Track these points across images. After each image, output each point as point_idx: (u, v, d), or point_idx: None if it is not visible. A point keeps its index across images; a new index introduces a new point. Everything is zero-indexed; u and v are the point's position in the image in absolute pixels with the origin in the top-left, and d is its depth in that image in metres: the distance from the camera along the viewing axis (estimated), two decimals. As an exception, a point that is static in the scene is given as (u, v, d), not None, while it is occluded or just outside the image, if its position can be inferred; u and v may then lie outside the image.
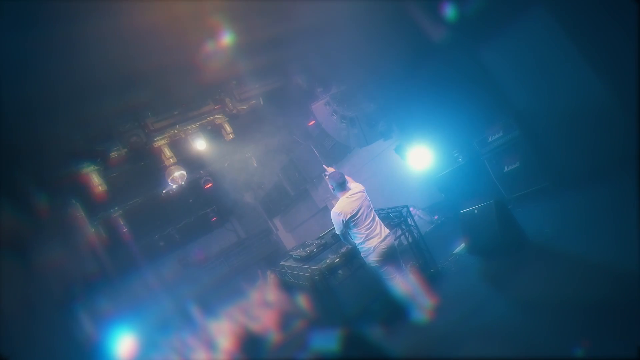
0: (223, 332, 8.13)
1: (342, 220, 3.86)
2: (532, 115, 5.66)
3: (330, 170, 4.18)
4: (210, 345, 8.09)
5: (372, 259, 3.93)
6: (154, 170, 7.80)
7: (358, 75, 7.12)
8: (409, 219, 4.94)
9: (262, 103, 7.01)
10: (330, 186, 4.05)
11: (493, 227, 4.31)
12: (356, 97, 7.44)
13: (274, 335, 6.52)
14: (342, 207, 3.92)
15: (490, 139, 6.03)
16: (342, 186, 3.99)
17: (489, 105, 5.94)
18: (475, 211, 4.57)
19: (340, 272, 4.38)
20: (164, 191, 9.01)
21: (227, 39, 5.24)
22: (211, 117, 7.25)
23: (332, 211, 3.97)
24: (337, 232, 4.02)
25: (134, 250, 10.58)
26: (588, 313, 2.76)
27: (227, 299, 10.12)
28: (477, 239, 4.65)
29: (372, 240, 3.92)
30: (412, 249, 5.16)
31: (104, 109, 5.14)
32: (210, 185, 9.48)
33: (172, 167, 8.01)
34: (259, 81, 6.47)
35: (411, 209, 8.28)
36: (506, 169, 5.92)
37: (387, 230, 4.08)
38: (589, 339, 2.49)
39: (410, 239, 5.12)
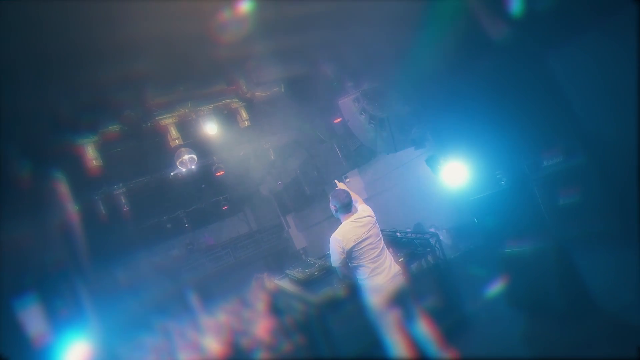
0: (213, 332, 7.37)
1: (343, 249, 2.93)
2: (605, 142, 4.43)
3: (341, 185, 3.26)
4: (198, 343, 7.33)
5: (377, 300, 2.97)
6: (163, 150, 6.97)
7: (395, 72, 6.04)
8: (437, 250, 3.84)
9: (282, 90, 6.03)
10: (332, 207, 3.11)
11: (549, 279, 3.18)
12: (389, 97, 6.35)
13: (262, 353, 5.63)
14: (344, 232, 3.02)
15: (545, 163, 4.84)
16: (347, 208, 3.08)
17: (550, 122, 4.74)
18: (526, 254, 3.44)
19: (343, 308, 3.36)
20: (172, 173, 8.22)
21: (246, 6, 4.27)
22: (227, 100, 6.35)
23: (332, 237, 3.05)
24: (334, 263, 3.06)
25: (137, 229, 9.91)
26: None
27: (226, 293, 9.38)
28: (522, 287, 3.52)
29: (380, 277, 2.99)
30: (435, 284, 4.08)
31: (98, 76, 4.28)
32: (222, 172, 8.60)
33: (182, 150, 7.25)
34: (280, 65, 5.47)
35: (431, 229, 7.20)
36: (561, 201, 4.72)
37: (397, 267, 3.13)
38: None
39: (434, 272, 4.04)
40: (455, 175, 5.93)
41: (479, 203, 5.79)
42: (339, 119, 8.10)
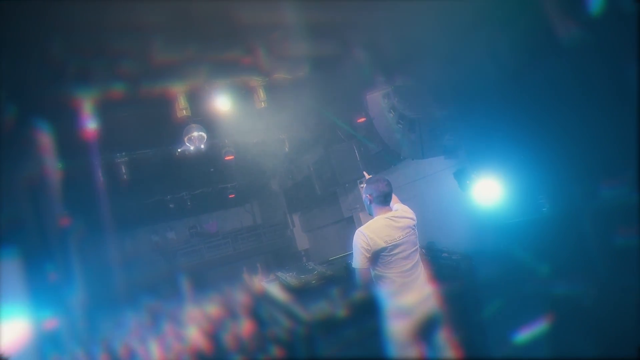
0: (198, 322, 6.68)
1: (369, 247, 2.18)
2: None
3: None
4: (179, 331, 6.65)
5: (402, 327, 2.19)
6: (171, 124, 6.31)
7: (435, 69, 5.24)
8: (466, 276, 3.01)
9: (307, 71, 5.31)
10: (366, 196, 2.37)
11: (624, 336, 2.31)
12: (424, 97, 5.54)
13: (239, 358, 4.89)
14: (374, 227, 2.27)
15: (604, 193, 3.95)
16: (385, 200, 2.34)
17: (618, 145, 3.86)
18: (587, 299, 2.58)
19: (340, 332, 2.55)
20: (179, 150, 7.57)
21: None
22: (246, 77, 5.67)
23: (357, 231, 2.28)
24: (355, 264, 2.26)
25: (137, 204, 9.30)
26: None
27: (219, 283, 8.73)
28: (578, 341, 2.65)
29: (409, 296, 2.23)
30: (457, 316, 3.24)
31: (95, 17, 3.58)
32: (231, 157, 7.93)
33: (192, 126, 6.61)
34: (308, 42, 4.73)
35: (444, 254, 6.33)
36: (619, 240, 3.81)
37: (430, 287, 2.33)
38: None
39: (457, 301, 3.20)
40: (486, 193, 5.07)
41: (510, 229, 4.91)
42: (362, 119, 7.34)
